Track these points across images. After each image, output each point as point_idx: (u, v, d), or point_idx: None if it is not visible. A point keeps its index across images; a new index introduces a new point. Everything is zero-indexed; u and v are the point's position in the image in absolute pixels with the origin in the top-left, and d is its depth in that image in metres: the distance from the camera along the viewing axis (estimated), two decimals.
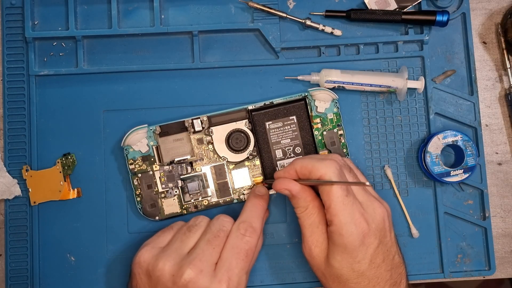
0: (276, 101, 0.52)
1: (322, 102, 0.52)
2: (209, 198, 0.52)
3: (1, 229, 0.52)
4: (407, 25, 0.54)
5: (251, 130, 0.52)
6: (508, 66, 0.54)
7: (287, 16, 0.53)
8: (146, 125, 0.51)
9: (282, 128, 0.52)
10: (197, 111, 0.52)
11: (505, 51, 0.54)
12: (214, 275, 0.44)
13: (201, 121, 0.51)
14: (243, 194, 0.52)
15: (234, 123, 0.51)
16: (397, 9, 0.53)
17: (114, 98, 0.53)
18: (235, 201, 0.52)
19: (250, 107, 0.52)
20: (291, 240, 0.53)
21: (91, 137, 0.53)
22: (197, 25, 0.53)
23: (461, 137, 0.52)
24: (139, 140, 0.50)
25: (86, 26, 0.53)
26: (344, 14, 0.53)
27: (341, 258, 0.45)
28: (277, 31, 0.53)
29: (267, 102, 0.52)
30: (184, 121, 0.51)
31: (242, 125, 0.52)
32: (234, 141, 0.51)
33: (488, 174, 0.54)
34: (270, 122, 0.52)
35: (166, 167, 0.51)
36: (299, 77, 0.53)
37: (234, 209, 0.52)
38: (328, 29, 0.53)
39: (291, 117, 0.52)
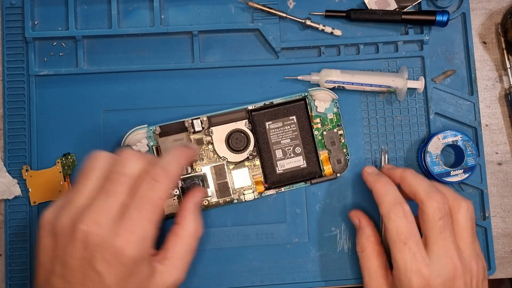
0: (276, 101, 0.52)
1: (322, 102, 0.52)
2: (209, 198, 0.52)
3: (1, 229, 0.52)
4: (407, 25, 0.54)
5: (251, 130, 0.52)
6: (508, 66, 0.54)
7: (287, 16, 0.53)
8: (146, 125, 0.51)
9: (282, 128, 0.52)
10: (197, 111, 0.52)
11: (505, 51, 0.54)
12: (113, 227, 0.39)
13: (201, 121, 0.51)
14: (243, 194, 0.52)
15: (234, 123, 0.51)
16: (397, 9, 0.53)
17: (114, 98, 0.53)
18: (235, 201, 0.52)
19: (250, 107, 0.52)
20: (291, 240, 0.53)
21: (91, 137, 0.53)
22: (197, 25, 0.53)
23: (461, 137, 0.52)
24: (139, 141, 0.50)
25: (86, 26, 0.53)
26: (344, 14, 0.53)
27: None
28: (277, 31, 0.53)
29: (267, 102, 0.52)
30: (184, 121, 0.51)
31: (242, 125, 0.51)
32: (234, 141, 0.51)
33: (488, 174, 0.54)
34: (270, 122, 0.51)
35: None
36: (299, 77, 0.53)
37: (234, 209, 0.52)
38: (328, 29, 0.53)
39: (291, 117, 0.52)
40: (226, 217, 0.52)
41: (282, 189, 0.52)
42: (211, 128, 0.51)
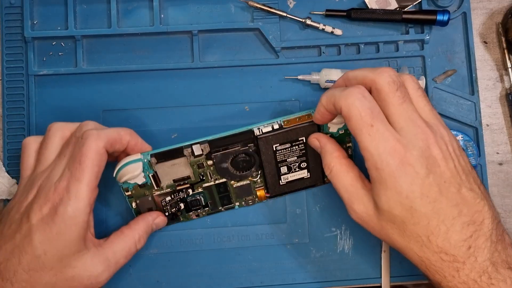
0: (286, 120, 0.47)
1: (336, 125, 0.48)
2: (210, 208, 0.51)
3: None
4: (408, 25, 0.54)
5: (257, 153, 0.49)
6: (509, 65, 0.54)
7: (287, 15, 0.53)
8: (139, 155, 0.46)
9: (289, 149, 0.49)
10: (197, 111, 0.52)
11: (506, 51, 0.54)
12: (54, 184, 0.42)
13: (201, 149, 0.47)
14: (244, 200, 0.52)
15: (238, 147, 0.48)
16: (398, 9, 0.53)
17: (113, 98, 0.53)
18: (237, 207, 0.52)
19: (256, 132, 0.47)
20: (291, 240, 0.52)
21: None
22: (196, 24, 0.53)
23: (461, 137, 0.52)
24: (134, 177, 0.47)
25: (85, 26, 0.53)
26: (345, 14, 0.53)
27: (387, 196, 0.39)
28: (277, 30, 0.53)
29: (276, 126, 0.47)
30: (182, 148, 0.46)
31: (247, 149, 0.48)
32: (238, 164, 0.49)
33: (489, 174, 0.54)
34: (278, 145, 0.48)
35: (168, 198, 0.49)
36: (299, 77, 0.52)
37: (235, 213, 0.52)
38: (328, 29, 0.53)
39: (300, 138, 0.48)
40: (226, 218, 0.52)
41: None
42: (212, 154, 0.47)
